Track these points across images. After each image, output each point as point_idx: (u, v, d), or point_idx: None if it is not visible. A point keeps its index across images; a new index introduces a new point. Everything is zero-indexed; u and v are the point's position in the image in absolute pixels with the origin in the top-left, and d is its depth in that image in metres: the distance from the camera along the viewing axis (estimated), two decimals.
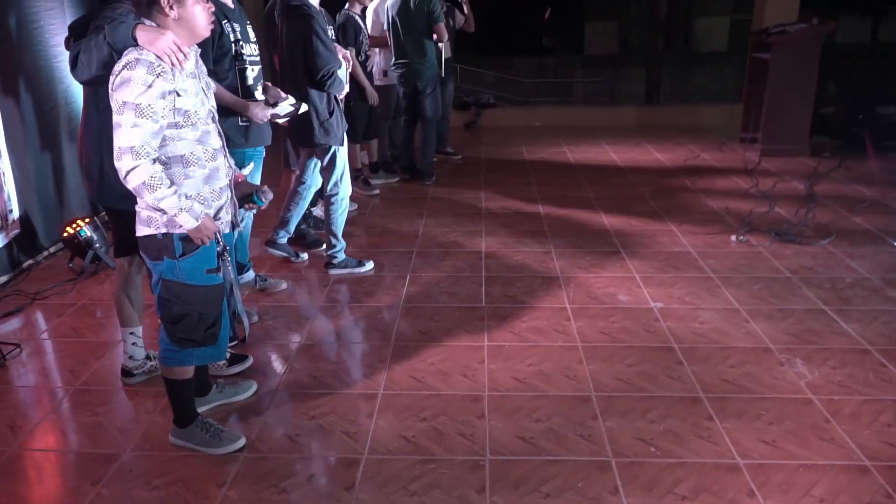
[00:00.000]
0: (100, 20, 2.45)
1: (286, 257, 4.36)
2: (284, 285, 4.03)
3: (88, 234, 4.21)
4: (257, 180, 3.60)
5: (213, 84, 2.54)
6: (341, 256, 4.22)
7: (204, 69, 2.46)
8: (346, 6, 5.15)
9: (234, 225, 2.54)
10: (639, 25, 14.82)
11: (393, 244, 4.74)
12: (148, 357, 3.07)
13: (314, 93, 3.82)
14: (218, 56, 3.17)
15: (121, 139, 2.14)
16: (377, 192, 5.87)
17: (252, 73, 3.32)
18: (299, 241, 4.53)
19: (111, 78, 2.19)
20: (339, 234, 4.18)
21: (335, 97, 3.90)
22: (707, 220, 5.11)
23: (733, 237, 4.71)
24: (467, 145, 7.67)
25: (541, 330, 3.47)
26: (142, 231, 2.32)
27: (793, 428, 2.63)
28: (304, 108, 3.41)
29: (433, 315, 3.67)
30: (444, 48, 6.07)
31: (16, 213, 4.18)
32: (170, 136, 2.23)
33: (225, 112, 3.14)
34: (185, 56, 2.22)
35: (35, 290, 3.98)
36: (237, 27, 3.26)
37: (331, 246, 4.21)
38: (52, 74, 4.50)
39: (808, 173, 6.17)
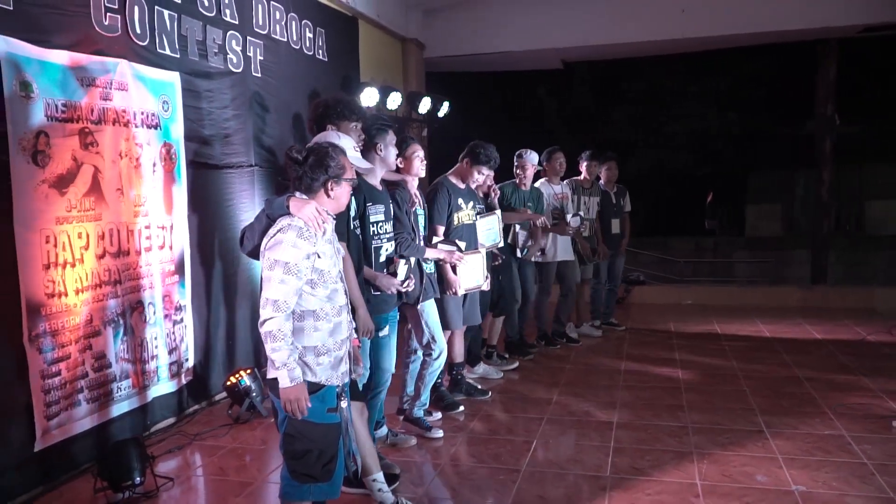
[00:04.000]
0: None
1: (421, 432, 4.28)
2: (414, 441, 4.17)
3: (248, 383, 4.65)
4: (393, 342, 3.91)
5: (342, 250, 2.91)
6: (417, 413, 4.30)
7: (336, 237, 2.86)
8: None
9: (351, 372, 2.80)
10: (805, 208, 14.49)
11: (526, 410, 4.78)
12: (398, 502, 3.26)
13: None
14: (361, 233, 3.59)
15: (268, 291, 2.51)
16: (514, 366, 5.74)
17: (387, 249, 3.72)
18: (437, 402, 4.69)
19: (265, 240, 2.62)
20: (425, 392, 4.29)
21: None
22: (866, 404, 4.73)
23: (895, 422, 4.31)
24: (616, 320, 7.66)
25: None
26: (272, 373, 2.58)
27: None
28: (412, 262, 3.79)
29: (555, 481, 3.64)
30: (584, 226, 6.46)
31: (191, 363, 4.74)
32: (306, 292, 2.59)
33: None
34: (324, 222, 2.63)
35: (196, 432, 4.40)
36: (381, 207, 3.71)
37: (415, 397, 4.31)
38: (237, 244, 5.20)
39: None
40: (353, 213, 3.50)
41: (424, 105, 7.61)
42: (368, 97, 6.75)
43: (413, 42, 8.64)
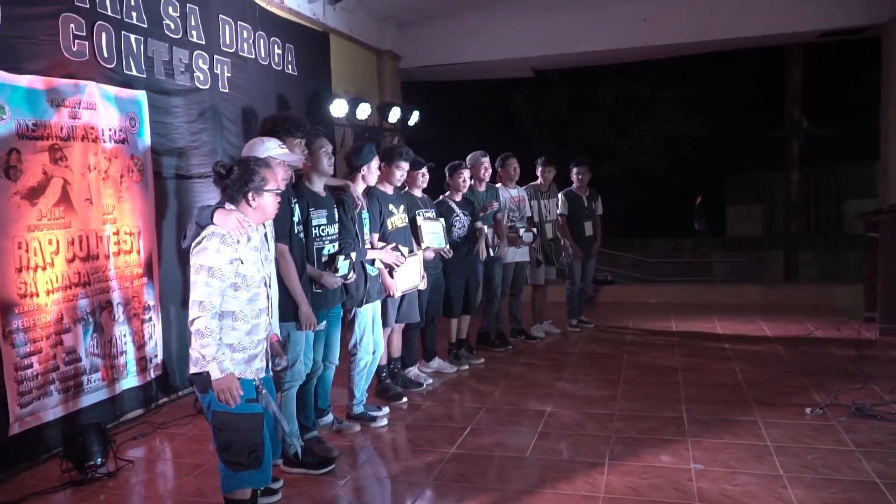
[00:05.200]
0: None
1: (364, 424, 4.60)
2: (358, 428, 4.54)
3: None
4: (337, 338, 4.31)
5: (271, 257, 3.24)
6: (357, 410, 4.65)
7: (267, 246, 3.19)
8: (447, 193, 5.96)
9: (267, 368, 3.10)
10: (784, 209, 14.83)
11: (470, 400, 5.15)
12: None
13: None
14: (305, 236, 3.94)
15: (195, 293, 2.81)
16: (466, 367, 6.00)
17: (329, 249, 4.08)
18: (382, 394, 5.06)
19: (192, 246, 2.95)
20: (357, 390, 4.63)
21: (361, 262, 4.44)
22: (791, 393, 5.03)
23: (808, 409, 4.63)
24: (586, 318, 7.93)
25: (571, 481, 3.68)
26: (192, 369, 2.87)
27: None
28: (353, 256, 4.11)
29: (478, 462, 3.99)
30: (547, 229, 6.83)
31: (159, 358, 5.13)
32: (228, 295, 2.88)
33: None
34: (245, 230, 2.95)
35: (161, 421, 4.79)
36: (324, 212, 4.07)
37: (349, 396, 4.67)
38: None
39: None
40: (296, 219, 3.85)
41: (394, 114, 7.98)
42: (338, 108, 7.14)
43: (388, 54, 9.02)
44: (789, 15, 8.28)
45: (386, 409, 4.85)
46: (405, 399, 5.07)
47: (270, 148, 3.35)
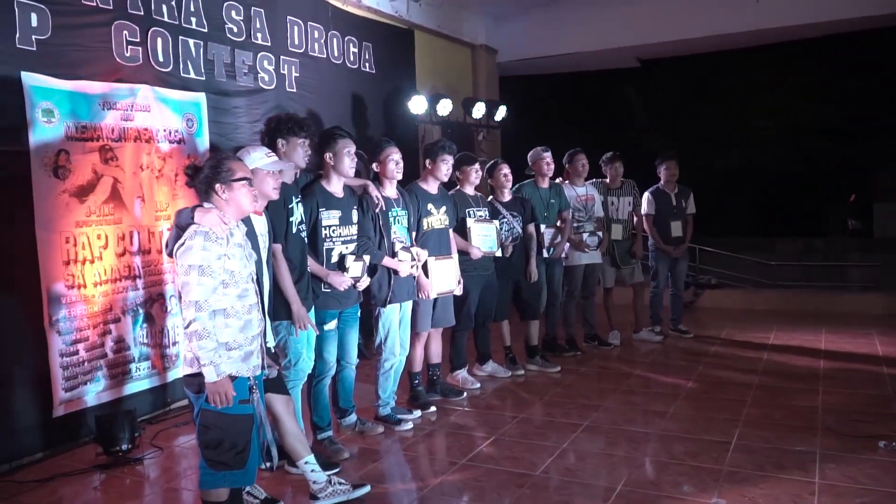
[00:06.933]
0: None
1: (389, 426, 4.55)
2: (381, 430, 4.49)
3: None
4: (354, 338, 4.30)
5: (254, 255, 3.21)
6: (383, 412, 4.59)
7: (252, 244, 3.17)
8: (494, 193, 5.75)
9: (263, 367, 3.09)
10: None
11: (509, 409, 4.95)
12: (329, 481, 3.54)
13: None
14: (311, 236, 3.95)
15: (189, 295, 2.80)
16: (521, 372, 5.77)
17: (340, 250, 4.05)
18: (413, 401, 4.94)
19: (176, 249, 2.94)
20: (383, 392, 4.57)
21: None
22: (871, 422, 4.37)
23: (882, 443, 4.03)
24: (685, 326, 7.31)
25: None
26: (186, 370, 2.91)
27: None
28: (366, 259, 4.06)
29: (481, 476, 3.82)
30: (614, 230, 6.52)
31: None
32: (218, 292, 2.87)
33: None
34: (227, 226, 2.95)
35: None
36: (336, 213, 4.05)
37: (376, 398, 4.62)
38: None
39: None
40: (296, 219, 3.83)
41: (479, 110, 7.83)
42: (417, 105, 7.11)
43: (483, 48, 8.88)
44: None
45: (417, 413, 4.77)
46: (434, 408, 4.91)
47: (257, 159, 3.34)
